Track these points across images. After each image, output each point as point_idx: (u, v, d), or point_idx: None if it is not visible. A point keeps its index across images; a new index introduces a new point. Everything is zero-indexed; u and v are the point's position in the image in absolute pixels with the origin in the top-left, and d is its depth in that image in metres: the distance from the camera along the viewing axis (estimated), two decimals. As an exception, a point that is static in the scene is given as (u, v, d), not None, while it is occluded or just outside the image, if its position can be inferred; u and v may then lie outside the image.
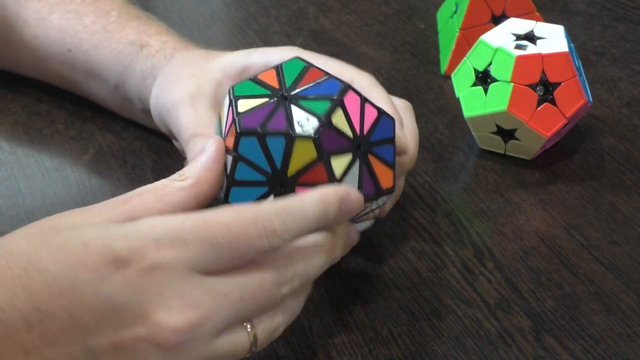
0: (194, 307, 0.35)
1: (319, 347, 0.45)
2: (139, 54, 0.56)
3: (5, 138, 0.62)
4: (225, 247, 0.36)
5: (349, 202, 0.40)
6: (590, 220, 0.55)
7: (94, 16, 0.60)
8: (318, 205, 0.38)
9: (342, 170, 0.42)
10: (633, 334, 0.46)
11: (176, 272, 0.35)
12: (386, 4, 0.84)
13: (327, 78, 0.43)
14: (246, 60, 0.51)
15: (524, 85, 0.57)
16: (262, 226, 0.37)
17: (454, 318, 0.47)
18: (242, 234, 0.36)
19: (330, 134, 0.41)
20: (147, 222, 0.36)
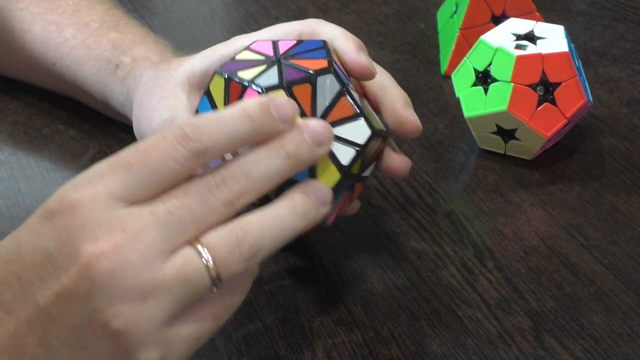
0: (119, 231, 0.34)
1: (319, 347, 0.45)
2: (115, 76, 0.56)
3: (5, 138, 0.62)
4: (140, 167, 0.35)
5: (277, 105, 0.37)
6: (590, 220, 0.55)
7: (74, 29, 0.59)
8: (237, 109, 0.37)
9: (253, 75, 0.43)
10: (633, 334, 0.46)
11: (97, 205, 0.34)
12: (386, 4, 0.84)
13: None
14: (203, 65, 0.50)
15: (524, 85, 0.57)
16: (172, 135, 0.35)
17: (454, 318, 0.47)
18: (153, 149, 0.35)
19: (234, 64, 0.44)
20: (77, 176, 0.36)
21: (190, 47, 0.75)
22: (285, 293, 0.48)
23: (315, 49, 0.45)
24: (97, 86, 0.57)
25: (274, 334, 0.46)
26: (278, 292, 0.48)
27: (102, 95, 0.57)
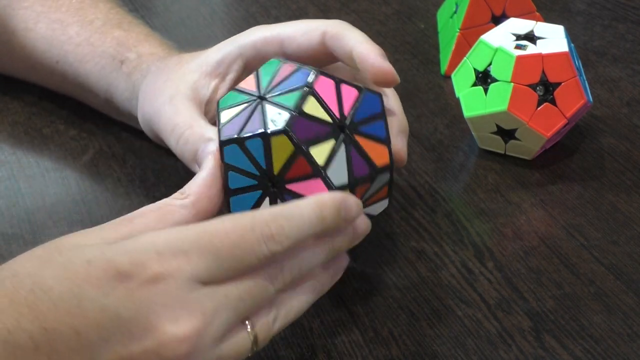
0: (199, 315, 0.35)
1: (319, 347, 0.45)
2: (120, 72, 0.56)
3: (5, 138, 0.62)
4: (225, 254, 0.36)
5: (347, 207, 0.40)
6: (590, 220, 0.55)
7: (77, 26, 0.59)
8: (314, 209, 0.39)
9: (325, 157, 0.41)
10: (633, 334, 0.46)
11: (179, 283, 0.35)
12: (386, 4, 0.84)
13: (297, 69, 0.43)
14: (217, 55, 0.50)
15: (524, 85, 0.57)
16: (259, 232, 0.37)
17: (454, 318, 0.47)
18: (241, 241, 0.37)
19: (304, 123, 0.41)
20: (147, 236, 0.37)
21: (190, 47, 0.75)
22: (285, 293, 0.48)
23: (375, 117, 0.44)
24: (100, 83, 0.57)
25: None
26: (278, 292, 0.48)
27: (105, 93, 0.57)
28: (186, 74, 0.51)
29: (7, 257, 0.50)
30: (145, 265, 0.35)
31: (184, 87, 0.50)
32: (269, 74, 0.44)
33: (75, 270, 0.35)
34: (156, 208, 0.40)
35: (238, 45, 0.50)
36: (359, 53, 0.46)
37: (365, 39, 0.48)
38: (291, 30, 0.49)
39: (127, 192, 0.56)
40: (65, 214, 0.54)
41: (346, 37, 0.47)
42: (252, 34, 0.50)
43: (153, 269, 0.35)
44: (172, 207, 0.40)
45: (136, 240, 0.36)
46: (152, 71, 0.54)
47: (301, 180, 0.41)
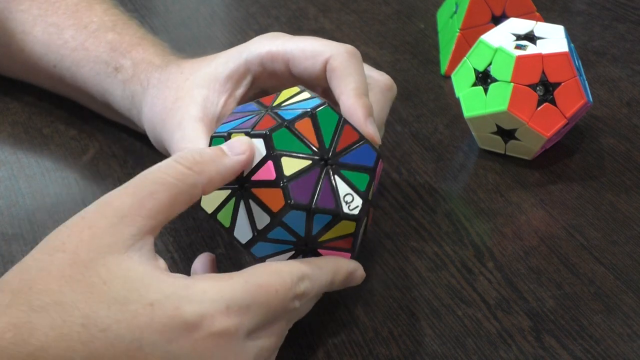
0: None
1: (319, 347, 0.45)
2: (115, 79, 0.55)
3: (5, 138, 0.62)
4: (272, 310, 0.39)
5: (354, 277, 0.44)
6: (590, 220, 0.55)
7: (73, 30, 0.58)
8: (331, 275, 0.42)
9: (359, 233, 0.44)
10: (633, 334, 0.46)
11: (237, 338, 0.37)
12: (386, 4, 0.84)
13: (363, 143, 0.44)
14: (226, 70, 0.50)
15: (524, 85, 0.57)
16: (295, 290, 0.39)
17: (454, 318, 0.47)
18: (285, 298, 0.39)
19: (365, 209, 0.43)
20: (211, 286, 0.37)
21: (190, 47, 0.75)
22: (285, 293, 0.48)
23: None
24: (97, 88, 0.57)
25: (274, 334, 0.46)
26: (278, 292, 0.48)
27: (102, 97, 0.57)
28: (194, 91, 0.50)
29: (7, 257, 0.50)
30: (214, 318, 0.36)
31: (194, 109, 0.49)
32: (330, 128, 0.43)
33: (137, 312, 0.35)
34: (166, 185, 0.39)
35: (245, 60, 0.49)
36: (344, 106, 0.46)
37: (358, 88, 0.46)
38: (298, 51, 0.48)
39: (127, 192, 0.56)
40: (65, 214, 0.54)
41: (341, 78, 0.47)
42: (258, 47, 0.49)
43: (222, 324, 0.36)
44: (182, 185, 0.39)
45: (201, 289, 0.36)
46: (153, 84, 0.53)
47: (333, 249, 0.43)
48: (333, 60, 0.47)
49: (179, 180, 0.39)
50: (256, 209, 0.41)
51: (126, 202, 0.37)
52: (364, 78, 0.48)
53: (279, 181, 0.41)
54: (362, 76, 0.47)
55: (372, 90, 0.49)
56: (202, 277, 0.38)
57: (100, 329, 0.34)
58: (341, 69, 0.47)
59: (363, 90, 0.47)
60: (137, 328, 0.34)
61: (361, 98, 0.46)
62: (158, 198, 0.38)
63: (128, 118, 0.57)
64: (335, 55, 0.47)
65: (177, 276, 0.37)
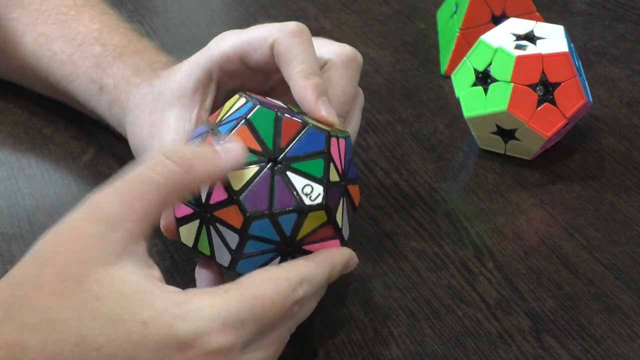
0: None
1: (319, 347, 0.45)
2: (101, 98, 0.55)
3: (5, 138, 0.62)
4: (269, 320, 0.38)
5: (350, 265, 0.43)
6: (590, 220, 0.55)
7: (61, 42, 0.58)
8: (328, 271, 0.42)
9: (341, 217, 0.43)
10: (633, 334, 0.46)
11: (233, 353, 0.36)
12: (386, 4, 0.84)
13: (307, 129, 0.42)
14: (191, 84, 0.49)
15: (524, 85, 0.57)
16: (293, 297, 0.39)
17: (454, 318, 0.47)
18: (281, 307, 0.38)
19: (332, 192, 0.42)
20: (206, 303, 0.36)
21: (191, 47, 0.75)
22: (285, 293, 0.48)
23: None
24: (88, 104, 0.57)
25: (274, 334, 0.46)
26: (278, 292, 0.48)
27: (94, 112, 0.57)
28: (165, 111, 0.50)
29: (7, 257, 0.50)
30: (210, 336, 0.35)
31: (168, 134, 0.49)
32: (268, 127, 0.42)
33: (130, 330, 0.34)
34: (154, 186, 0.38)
35: (204, 68, 0.49)
36: (295, 91, 0.44)
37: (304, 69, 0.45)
38: (246, 44, 0.47)
39: (127, 192, 0.56)
40: (65, 214, 0.54)
41: (287, 62, 0.45)
42: (213, 51, 0.48)
43: (217, 341, 0.36)
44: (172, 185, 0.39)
45: (195, 307, 0.36)
46: (130, 108, 0.53)
47: (318, 243, 0.43)
48: (277, 45, 0.45)
49: (168, 179, 0.38)
50: (224, 230, 0.41)
51: (115, 206, 0.37)
52: (313, 56, 0.45)
53: (232, 197, 0.40)
54: (309, 55, 0.45)
55: (335, 65, 0.47)
56: (197, 293, 0.37)
57: (94, 348, 0.34)
58: (286, 52, 0.45)
59: (312, 70, 0.45)
60: (130, 346, 0.34)
61: (310, 78, 0.44)
62: (148, 199, 0.37)
63: (121, 132, 0.56)
64: (279, 39, 0.45)
65: (171, 290, 0.36)
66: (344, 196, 0.43)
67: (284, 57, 0.45)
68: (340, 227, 0.43)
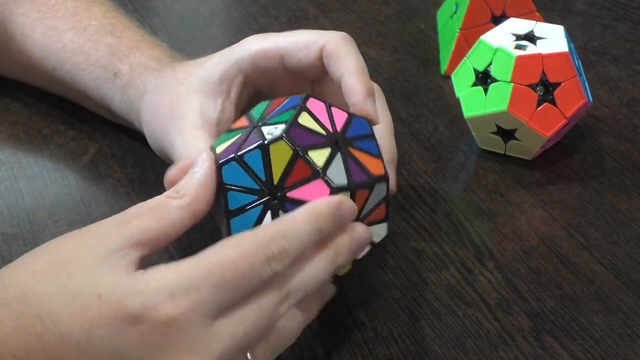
0: (206, 357, 0.35)
1: (319, 347, 0.45)
2: (114, 84, 0.55)
3: (5, 138, 0.62)
4: (234, 284, 0.36)
5: (342, 210, 0.40)
6: (590, 220, 0.55)
7: (72, 33, 0.58)
8: (311, 222, 0.39)
9: (323, 161, 0.41)
10: (633, 334, 0.46)
11: (191, 323, 0.35)
12: (386, 4, 0.84)
13: (288, 98, 0.44)
14: (217, 72, 0.50)
15: (524, 85, 0.57)
16: (263, 255, 0.37)
17: (454, 318, 0.47)
18: (248, 267, 0.36)
19: (300, 132, 0.41)
20: (157, 275, 0.36)
21: (190, 47, 0.75)
22: (285, 293, 0.48)
23: (366, 137, 0.44)
24: (96, 92, 0.57)
25: (274, 334, 0.46)
26: (278, 292, 0.48)
27: (102, 101, 0.57)
28: (190, 95, 0.50)
29: (7, 257, 0.50)
30: (158, 308, 0.34)
31: (192, 115, 0.49)
32: (260, 110, 0.45)
33: (86, 304, 0.34)
34: (152, 209, 0.39)
35: (235, 60, 0.50)
36: (346, 85, 0.46)
37: (358, 67, 0.47)
38: (290, 44, 0.48)
39: (127, 192, 0.56)
40: (65, 214, 0.54)
41: (340, 60, 0.47)
42: (248, 47, 0.50)
43: (166, 312, 0.35)
44: (168, 208, 0.39)
45: (145, 279, 0.35)
46: (149, 89, 0.53)
47: (302, 185, 0.41)
48: (329, 45, 0.47)
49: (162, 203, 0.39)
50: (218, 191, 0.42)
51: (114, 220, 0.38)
52: (363, 61, 0.47)
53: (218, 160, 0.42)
54: (360, 58, 0.47)
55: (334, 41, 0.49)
56: (153, 268, 0.37)
57: (54, 321, 0.34)
58: (339, 51, 0.47)
59: (363, 70, 0.46)
60: (87, 322, 0.34)
61: (363, 77, 0.46)
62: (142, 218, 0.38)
63: (127, 121, 0.57)
64: (330, 41, 0.48)
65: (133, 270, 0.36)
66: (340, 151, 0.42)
67: (335, 56, 0.47)
68: (319, 167, 0.41)
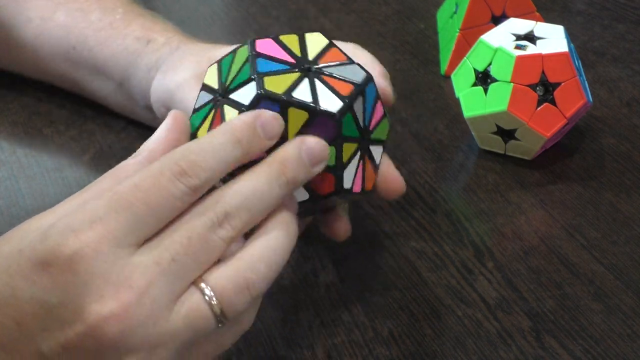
0: (127, 288, 0.33)
1: (319, 347, 0.45)
2: (145, 49, 0.57)
3: (5, 138, 0.62)
4: (142, 207, 0.34)
5: (264, 123, 0.37)
6: (590, 220, 0.55)
7: (99, 13, 0.60)
8: (225, 135, 0.36)
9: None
10: (633, 334, 0.46)
11: (100, 255, 0.33)
12: (386, 4, 0.84)
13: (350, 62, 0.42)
14: None
15: (524, 85, 0.57)
16: (169, 172, 0.34)
17: (454, 318, 0.47)
18: (153, 187, 0.34)
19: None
20: (66, 216, 0.34)
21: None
22: (285, 293, 0.48)
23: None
24: (120, 64, 0.58)
25: (274, 333, 0.46)
26: (278, 292, 0.48)
27: (123, 73, 0.58)
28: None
29: (7, 257, 0.50)
30: (61, 247, 0.33)
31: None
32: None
33: (10, 260, 0.34)
34: (111, 173, 0.38)
35: None
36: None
37: (374, 58, 0.49)
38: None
39: (127, 192, 0.56)
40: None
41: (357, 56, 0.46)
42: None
43: (70, 249, 0.33)
44: (126, 167, 0.38)
45: (56, 223, 0.34)
46: (181, 49, 0.55)
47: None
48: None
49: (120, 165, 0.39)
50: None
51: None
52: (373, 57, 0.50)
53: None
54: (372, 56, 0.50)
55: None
56: (62, 209, 0.36)
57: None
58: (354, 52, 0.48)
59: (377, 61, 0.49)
60: (9, 276, 0.34)
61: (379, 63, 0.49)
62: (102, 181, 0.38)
63: (140, 94, 0.57)
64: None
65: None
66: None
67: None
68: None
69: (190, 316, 0.34)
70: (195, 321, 0.34)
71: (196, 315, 0.34)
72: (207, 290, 0.34)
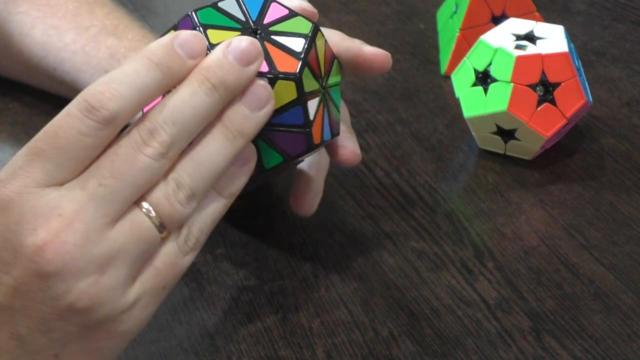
0: (56, 217, 0.33)
1: (319, 347, 0.45)
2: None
3: (6, 138, 0.62)
4: (54, 151, 0.34)
5: (182, 41, 0.36)
6: (590, 220, 0.55)
7: (74, 33, 0.58)
8: (139, 60, 0.35)
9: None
10: (633, 334, 0.46)
11: (28, 197, 0.33)
12: (386, 4, 0.84)
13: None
14: None
15: (524, 85, 0.57)
16: (76, 110, 0.34)
17: (454, 318, 0.47)
18: (61, 129, 0.34)
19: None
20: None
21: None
22: (285, 293, 0.48)
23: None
24: None
25: (274, 334, 0.46)
26: (278, 292, 0.48)
27: None
28: None
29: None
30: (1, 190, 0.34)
31: None
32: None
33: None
34: None
35: None
36: (366, 54, 0.49)
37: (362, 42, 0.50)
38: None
39: (127, 192, 0.56)
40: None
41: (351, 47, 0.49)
42: None
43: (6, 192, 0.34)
44: None
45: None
46: None
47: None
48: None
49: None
50: None
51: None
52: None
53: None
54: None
55: None
56: None
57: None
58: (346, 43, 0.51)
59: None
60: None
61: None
62: None
63: None
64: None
65: None
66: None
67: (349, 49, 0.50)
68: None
69: (133, 230, 0.35)
70: (138, 234, 0.35)
71: (139, 228, 0.35)
72: (145, 204, 0.35)
